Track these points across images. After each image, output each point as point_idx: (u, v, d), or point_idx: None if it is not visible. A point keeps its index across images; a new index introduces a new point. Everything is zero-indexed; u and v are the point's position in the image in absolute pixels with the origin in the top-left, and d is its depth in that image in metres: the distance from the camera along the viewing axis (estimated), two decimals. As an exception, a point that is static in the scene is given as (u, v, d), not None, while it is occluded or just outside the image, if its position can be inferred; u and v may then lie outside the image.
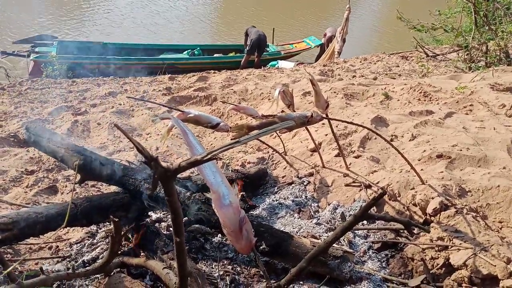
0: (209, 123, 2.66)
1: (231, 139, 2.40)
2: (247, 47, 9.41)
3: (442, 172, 2.72)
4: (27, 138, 2.44)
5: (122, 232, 1.73)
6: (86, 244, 2.45)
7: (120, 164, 2.46)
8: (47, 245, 2.51)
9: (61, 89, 6.33)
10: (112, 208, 2.24)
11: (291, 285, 1.90)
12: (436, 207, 2.40)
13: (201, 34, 12.17)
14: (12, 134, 4.23)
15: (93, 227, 2.59)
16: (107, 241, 2.53)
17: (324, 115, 2.42)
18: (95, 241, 2.48)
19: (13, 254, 2.38)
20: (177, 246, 1.46)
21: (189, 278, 1.92)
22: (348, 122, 2.82)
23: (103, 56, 8.61)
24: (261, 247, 2.12)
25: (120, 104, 5.24)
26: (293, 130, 3.60)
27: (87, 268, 1.76)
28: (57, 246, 2.48)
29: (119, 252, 2.27)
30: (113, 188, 2.57)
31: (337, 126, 3.45)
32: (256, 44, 9.31)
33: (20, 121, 4.69)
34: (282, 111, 2.24)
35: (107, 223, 2.56)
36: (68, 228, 2.60)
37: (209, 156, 1.25)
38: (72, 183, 3.18)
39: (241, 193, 2.75)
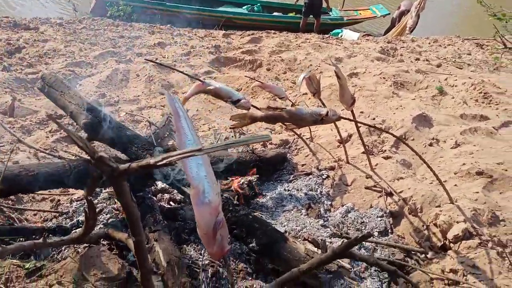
0: (230, 98, 2.48)
1: (230, 127, 2.22)
2: (303, 8, 8.92)
3: (477, 192, 2.40)
4: (41, 88, 2.40)
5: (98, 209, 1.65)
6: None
7: (129, 131, 2.37)
8: (50, 196, 2.52)
9: (114, 32, 6.35)
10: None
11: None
12: (458, 234, 2.12)
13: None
14: (54, 74, 4.28)
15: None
16: (108, 202, 2.50)
17: (349, 111, 2.15)
18: (95, 201, 2.45)
19: (15, 201, 2.41)
20: (136, 245, 1.35)
21: (165, 266, 1.85)
22: (368, 126, 2.50)
23: (164, 2, 8.55)
24: (251, 245, 1.98)
25: (164, 57, 5.15)
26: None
27: (61, 238, 1.70)
28: (59, 200, 2.48)
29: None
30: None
31: (374, 119, 3.15)
32: (308, 6, 8.78)
33: (66, 61, 4.75)
34: (293, 105, 2.00)
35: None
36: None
37: (164, 161, 1.10)
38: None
39: (255, 176, 2.58)
